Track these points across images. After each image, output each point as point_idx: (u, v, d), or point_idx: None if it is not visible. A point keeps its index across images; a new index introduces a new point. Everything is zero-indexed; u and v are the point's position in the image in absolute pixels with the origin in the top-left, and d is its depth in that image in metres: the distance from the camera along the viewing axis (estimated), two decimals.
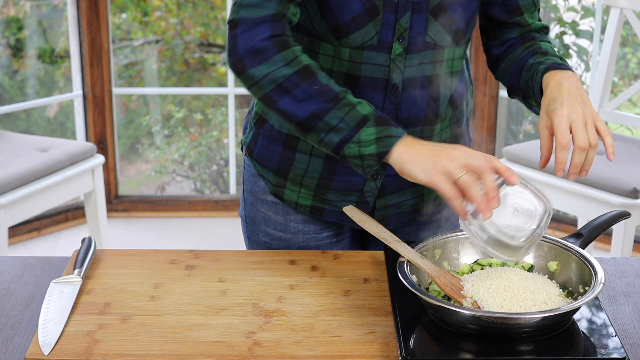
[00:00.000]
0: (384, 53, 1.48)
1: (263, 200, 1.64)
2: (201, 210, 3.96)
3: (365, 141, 1.33)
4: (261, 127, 1.59)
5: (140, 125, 4.80)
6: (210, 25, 5.10)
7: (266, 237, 1.66)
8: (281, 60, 1.37)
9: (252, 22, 1.39)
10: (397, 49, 1.47)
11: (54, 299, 1.37)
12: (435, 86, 1.53)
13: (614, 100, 3.25)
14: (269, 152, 1.59)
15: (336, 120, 1.34)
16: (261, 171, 1.62)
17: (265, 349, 1.25)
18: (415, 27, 1.46)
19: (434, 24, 1.47)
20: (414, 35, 1.47)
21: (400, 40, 1.47)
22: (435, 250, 1.41)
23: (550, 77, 1.42)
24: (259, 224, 1.66)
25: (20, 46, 4.38)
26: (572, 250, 1.37)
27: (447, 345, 1.23)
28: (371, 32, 1.46)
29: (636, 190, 2.74)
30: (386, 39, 1.47)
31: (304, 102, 1.36)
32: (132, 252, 1.55)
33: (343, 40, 1.47)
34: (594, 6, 3.90)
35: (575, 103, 1.34)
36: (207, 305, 1.37)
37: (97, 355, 1.24)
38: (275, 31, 1.38)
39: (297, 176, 1.57)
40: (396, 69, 1.48)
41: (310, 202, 1.60)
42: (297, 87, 1.36)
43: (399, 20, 1.45)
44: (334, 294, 1.41)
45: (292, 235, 1.64)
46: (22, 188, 2.90)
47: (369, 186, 1.57)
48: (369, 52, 1.47)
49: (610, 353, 1.20)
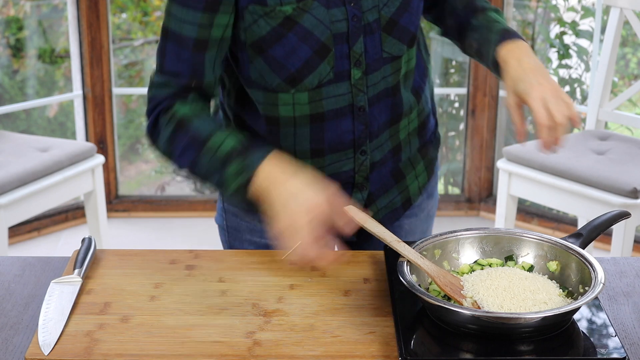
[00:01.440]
0: (344, 82, 1.48)
1: (248, 210, 1.63)
2: (201, 210, 3.96)
3: (230, 176, 1.37)
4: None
5: (140, 125, 4.79)
6: None
7: (252, 246, 1.67)
8: (163, 123, 1.44)
9: (156, 102, 1.46)
10: (356, 74, 1.47)
11: (54, 299, 1.37)
12: (398, 92, 1.54)
13: (614, 100, 3.25)
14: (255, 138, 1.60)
15: (204, 168, 1.40)
16: None
17: (265, 349, 1.25)
18: (369, 48, 1.46)
19: (388, 40, 1.47)
20: (371, 56, 1.47)
21: (358, 66, 1.47)
22: (435, 250, 1.41)
23: (507, 52, 1.44)
24: (243, 232, 1.68)
25: (20, 46, 4.38)
26: (572, 250, 1.37)
27: (447, 345, 1.23)
28: (326, 70, 1.45)
29: (636, 190, 2.74)
30: (343, 69, 1.46)
31: (182, 156, 1.43)
32: (132, 252, 1.55)
33: (299, 86, 1.46)
34: (594, 6, 3.90)
35: (542, 80, 1.39)
36: (207, 305, 1.37)
37: (97, 355, 1.24)
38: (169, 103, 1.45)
39: (289, 152, 1.57)
40: (359, 92, 1.49)
41: None
42: (174, 143, 1.43)
43: (352, 48, 1.45)
44: (334, 294, 1.41)
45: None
46: (22, 188, 2.90)
47: (356, 197, 1.59)
48: (327, 87, 1.47)
49: (610, 353, 1.20)
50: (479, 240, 1.43)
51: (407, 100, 1.56)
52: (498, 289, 1.29)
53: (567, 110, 1.39)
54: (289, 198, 1.32)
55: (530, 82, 1.39)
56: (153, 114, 1.46)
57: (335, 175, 1.56)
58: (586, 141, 3.13)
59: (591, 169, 2.86)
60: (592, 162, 2.92)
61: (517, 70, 1.42)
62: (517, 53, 1.44)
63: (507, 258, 1.42)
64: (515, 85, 1.42)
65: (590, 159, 2.95)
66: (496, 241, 1.43)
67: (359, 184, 1.58)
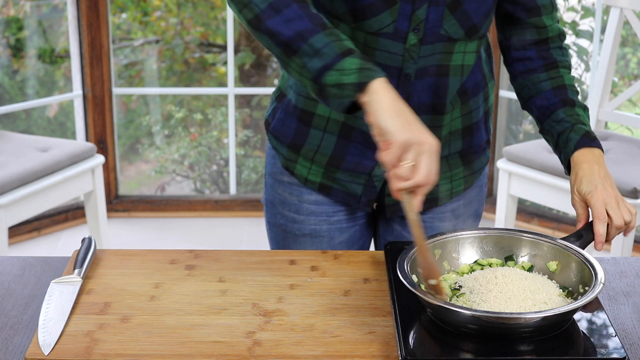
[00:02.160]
0: (399, 42, 1.49)
1: (280, 182, 1.68)
2: (201, 210, 3.96)
3: (348, 69, 1.31)
4: (280, 101, 1.64)
5: (140, 125, 4.80)
6: (210, 25, 5.11)
7: (282, 219, 1.70)
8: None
9: None
10: (412, 39, 1.49)
11: (54, 299, 1.37)
12: (445, 77, 1.54)
13: (614, 100, 3.25)
14: (285, 127, 1.62)
15: (321, 44, 1.33)
16: (275, 144, 1.66)
17: (265, 349, 1.25)
18: (431, 19, 1.48)
19: (449, 18, 1.49)
20: (430, 27, 1.49)
21: (416, 31, 1.49)
22: (435, 250, 1.40)
23: (582, 156, 1.52)
24: (277, 206, 1.70)
25: (20, 46, 4.38)
26: (572, 250, 1.37)
27: (447, 345, 1.23)
28: (387, 20, 1.48)
29: (636, 190, 2.74)
30: (402, 29, 1.49)
31: (292, 21, 1.35)
32: (132, 252, 1.55)
33: (360, 24, 1.49)
34: (594, 6, 3.90)
35: (608, 187, 1.48)
36: (207, 305, 1.37)
37: (97, 355, 1.24)
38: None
39: (310, 152, 1.61)
40: (410, 59, 1.50)
41: (320, 179, 1.63)
42: (288, 6, 1.36)
43: (416, 11, 1.47)
44: (334, 294, 1.41)
45: (305, 217, 1.67)
46: (22, 188, 2.90)
47: (377, 171, 1.59)
48: (384, 39, 1.49)
49: (610, 353, 1.20)
50: (479, 240, 1.43)
51: (452, 90, 1.56)
52: (498, 288, 1.29)
53: (627, 216, 1.47)
54: (410, 118, 1.30)
55: (596, 185, 1.47)
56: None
57: (365, 135, 1.56)
58: None
59: None
60: None
61: (586, 174, 1.49)
62: (591, 158, 1.52)
63: (507, 258, 1.42)
64: (580, 185, 1.49)
65: None
66: (496, 241, 1.43)
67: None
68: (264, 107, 5.16)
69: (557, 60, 1.63)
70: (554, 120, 1.58)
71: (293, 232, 1.69)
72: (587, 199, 1.48)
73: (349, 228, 1.68)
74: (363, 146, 1.57)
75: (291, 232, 1.69)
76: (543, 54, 1.62)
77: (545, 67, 1.62)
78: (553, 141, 1.59)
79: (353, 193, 1.62)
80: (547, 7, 1.60)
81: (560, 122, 1.57)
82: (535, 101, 1.62)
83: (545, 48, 1.62)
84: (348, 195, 1.63)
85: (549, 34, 1.62)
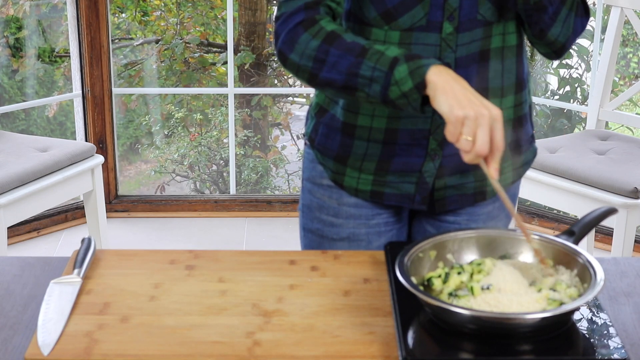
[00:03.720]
0: (434, 33, 1.50)
1: (319, 185, 1.68)
2: (201, 210, 3.96)
3: (402, 79, 1.36)
4: (322, 116, 1.64)
5: (139, 125, 4.80)
6: (210, 25, 5.11)
7: (319, 224, 1.70)
8: (308, 37, 1.44)
9: (288, 14, 1.47)
10: (448, 28, 1.50)
11: (54, 299, 1.37)
12: (486, 62, 1.55)
13: (614, 100, 3.25)
14: (329, 140, 1.63)
15: (370, 71, 1.39)
16: (322, 159, 1.66)
17: (265, 349, 1.25)
18: (465, 6, 1.49)
19: (484, 2, 1.49)
20: (465, 14, 1.50)
21: (451, 20, 1.49)
22: (431, 251, 1.40)
23: None
24: (314, 210, 1.70)
25: (20, 46, 4.38)
26: (572, 250, 1.37)
27: (447, 345, 1.23)
28: (420, 14, 1.48)
29: (637, 190, 2.74)
30: (435, 19, 1.49)
31: (337, 65, 1.42)
32: (131, 252, 1.55)
33: (392, 24, 1.50)
34: (594, 6, 3.90)
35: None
36: (207, 305, 1.37)
37: (96, 356, 1.24)
38: (307, 16, 1.45)
39: (356, 161, 1.61)
40: (447, 48, 1.51)
41: (370, 187, 1.63)
42: (328, 53, 1.42)
43: (448, 0, 1.47)
44: (334, 294, 1.41)
45: (344, 221, 1.67)
46: (21, 188, 2.90)
47: (427, 166, 1.59)
48: (419, 33, 1.50)
49: (611, 353, 1.20)
50: (475, 241, 1.43)
51: (496, 74, 1.56)
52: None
53: None
54: (468, 92, 1.33)
55: None
56: (286, 27, 1.47)
57: (410, 132, 1.57)
58: (587, 141, 3.13)
59: (591, 169, 2.86)
60: (592, 162, 2.92)
61: None
62: None
63: (502, 257, 1.42)
64: None
65: (590, 159, 2.94)
66: (494, 241, 1.43)
67: (432, 151, 1.57)
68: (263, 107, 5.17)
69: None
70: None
71: (330, 236, 1.68)
72: None
73: (387, 232, 1.68)
74: (409, 145, 1.57)
75: (327, 237, 1.69)
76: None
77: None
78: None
79: (406, 193, 1.62)
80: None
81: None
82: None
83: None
84: (401, 197, 1.62)
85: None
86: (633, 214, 2.74)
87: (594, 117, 3.27)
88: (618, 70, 4.42)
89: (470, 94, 1.32)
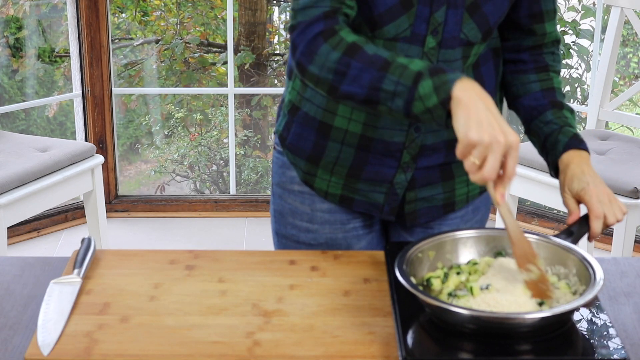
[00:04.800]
0: (417, 46, 1.49)
1: (290, 191, 1.66)
2: (201, 210, 3.96)
3: (426, 94, 1.34)
4: (294, 114, 1.62)
5: (139, 125, 4.80)
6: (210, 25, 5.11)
7: (294, 230, 1.68)
8: (328, 48, 1.41)
9: (306, 24, 1.44)
10: (431, 42, 1.49)
11: (54, 299, 1.37)
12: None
13: (614, 100, 3.25)
14: (302, 140, 1.61)
15: (393, 86, 1.36)
16: (293, 159, 1.64)
17: (265, 349, 1.25)
18: (450, 22, 1.48)
19: (468, 21, 1.49)
20: (449, 31, 1.49)
21: (434, 34, 1.49)
22: (430, 251, 1.40)
23: (571, 158, 1.54)
24: (287, 216, 1.68)
25: (20, 46, 4.38)
26: (571, 250, 1.37)
27: (447, 345, 1.23)
28: (404, 24, 1.48)
29: (637, 190, 2.74)
30: (419, 32, 1.49)
31: (358, 78, 1.39)
32: (131, 252, 1.55)
33: (377, 32, 1.49)
34: (594, 6, 3.90)
35: (598, 184, 1.50)
36: (207, 305, 1.37)
37: (96, 356, 1.24)
38: (326, 26, 1.42)
39: (329, 164, 1.60)
40: (428, 62, 1.50)
41: (340, 192, 1.62)
42: (349, 66, 1.39)
43: (434, 14, 1.47)
44: (334, 294, 1.41)
45: (319, 226, 1.65)
46: (21, 188, 2.90)
47: (399, 178, 1.58)
48: (402, 44, 1.49)
49: (611, 354, 1.20)
50: (473, 240, 1.43)
51: None
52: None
53: (619, 214, 1.48)
54: (490, 114, 1.30)
55: (588, 182, 1.49)
56: (305, 37, 1.44)
57: (385, 144, 1.56)
58: (587, 141, 3.11)
59: None
60: (592, 162, 2.91)
61: (576, 172, 1.51)
62: (579, 160, 1.54)
63: (497, 254, 1.42)
64: (571, 183, 1.50)
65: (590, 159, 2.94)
66: (493, 241, 1.43)
67: (404, 164, 1.57)
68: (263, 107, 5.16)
69: (548, 64, 1.63)
70: (542, 121, 1.59)
71: (307, 242, 1.67)
72: (581, 196, 1.48)
73: (365, 235, 1.68)
74: (382, 155, 1.56)
75: (305, 242, 1.67)
76: (535, 57, 1.63)
77: (536, 70, 1.62)
78: (540, 142, 1.59)
79: (375, 202, 1.61)
80: (550, 14, 1.60)
81: (549, 124, 1.58)
82: (523, 101, 1.62)
83: (538, 52, 1.63)
84: (370, 205, 1.62)
85: (545, 40, 1.62)
86: (633, 214, 2.74)
87: (594, 117, 3.27)
88: (618, 70, 4.42)
89: (492, 116, 1.29)
